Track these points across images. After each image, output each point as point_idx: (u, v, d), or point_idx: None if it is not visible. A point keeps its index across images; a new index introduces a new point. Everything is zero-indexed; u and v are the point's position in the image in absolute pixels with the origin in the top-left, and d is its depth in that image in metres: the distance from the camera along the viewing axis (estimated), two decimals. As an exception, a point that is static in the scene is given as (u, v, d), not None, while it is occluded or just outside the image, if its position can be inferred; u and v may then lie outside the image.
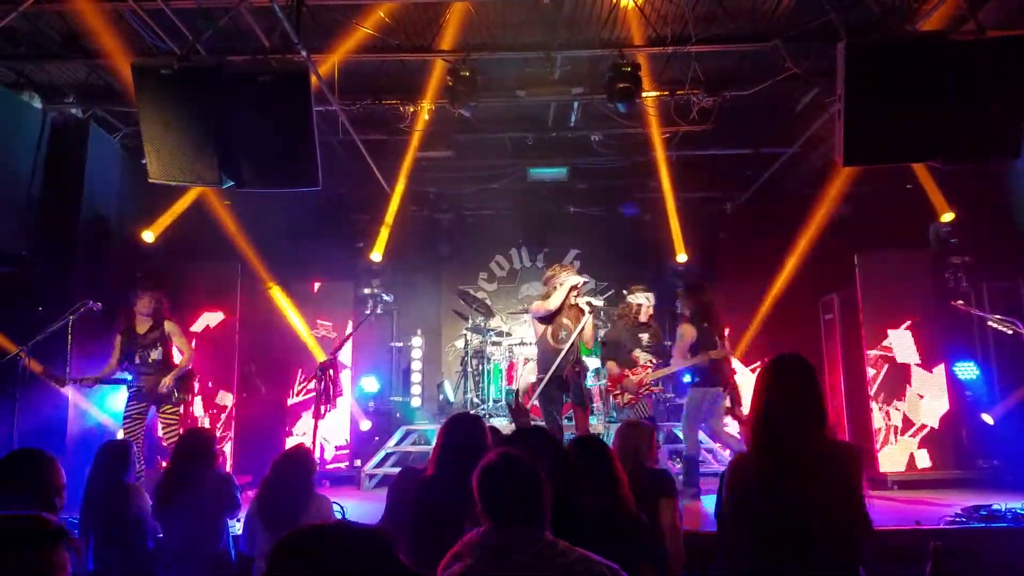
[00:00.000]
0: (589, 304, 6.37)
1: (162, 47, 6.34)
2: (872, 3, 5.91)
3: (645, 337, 6.99)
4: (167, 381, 6.54)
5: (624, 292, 7.39)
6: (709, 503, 4.57)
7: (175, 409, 6.65)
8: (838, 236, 9.21)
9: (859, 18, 6.01)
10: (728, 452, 8.19)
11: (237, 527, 4.83)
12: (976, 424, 7.83)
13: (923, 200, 8.52)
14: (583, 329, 6.42)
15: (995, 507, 5.63)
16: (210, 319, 8.34)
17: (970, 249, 8.29)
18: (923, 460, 7.66)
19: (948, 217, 8.36)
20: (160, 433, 6.76)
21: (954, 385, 7.93)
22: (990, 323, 6.71)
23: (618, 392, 6.92)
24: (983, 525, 5.37)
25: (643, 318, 7.03)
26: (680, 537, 3.70)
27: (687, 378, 6.91)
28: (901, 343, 7.94)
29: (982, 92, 4.81)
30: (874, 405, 7.79)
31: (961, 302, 7.17)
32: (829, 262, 9.04)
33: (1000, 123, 4.88)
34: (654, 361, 6.92)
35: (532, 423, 4.34)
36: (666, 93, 7.56)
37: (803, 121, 8.25)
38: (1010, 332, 6.20)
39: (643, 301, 7.02)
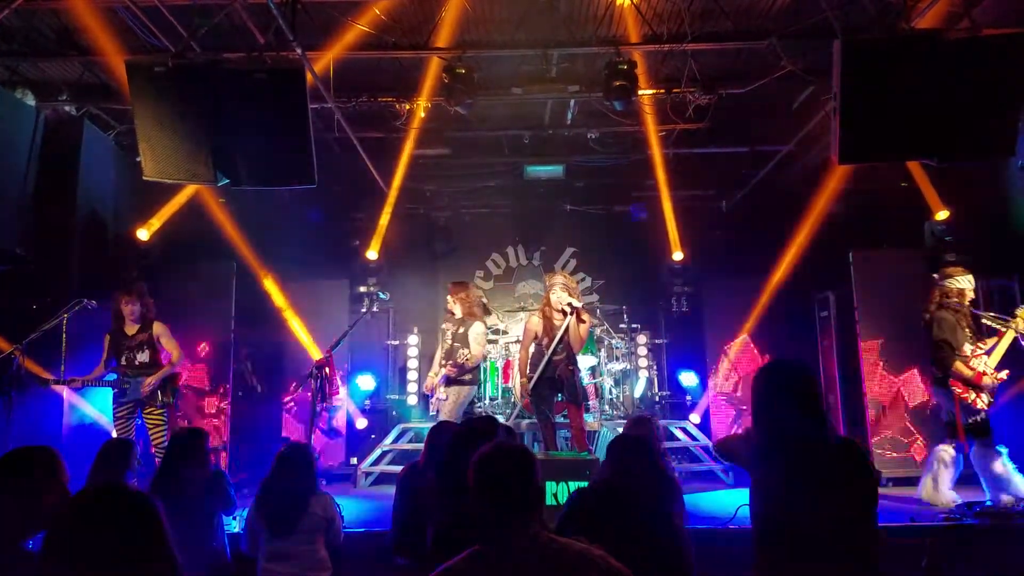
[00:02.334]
0: (570, 305, 6.35)
1: (156, 44, 6.32)
2: (867, 1, 5.92)
3: (967, 330, 6.09)
4: (150, 382, 6.42)
5: (934, 276, 6.36)
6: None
7: (160, 411, 6.50)
8: (833, 234, 9.21)
9: (855, 16, 6.02)
10: None
11: (235, 525, 4.82)
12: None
13: (918, 198, 8.52)
14: (567, 329, 6.39)
15: (989, 504, 5.65)
16: (205, 317, 8.29)
17: (965, 247, 8.30)
18: (918, 457, 7.69)
19: (943, 215, 8.37)
20: (149, 435, 6.63)
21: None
22: (984, 321, 6.71)
23: (972, 397, 5.84)
24: (977, 522, 5.39)
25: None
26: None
27: None
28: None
29: (977, 90, 4.83)
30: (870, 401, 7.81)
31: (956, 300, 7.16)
32: (824, 260, 9.05)
33: (995, 121, 4.90)
34: (982, 347, 6.01)
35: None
36: (662, 91, 7.56)
37: (799, 119, 8.26)
38: (1004, 330, 6.20)
39: (966, 285, 6.14)
